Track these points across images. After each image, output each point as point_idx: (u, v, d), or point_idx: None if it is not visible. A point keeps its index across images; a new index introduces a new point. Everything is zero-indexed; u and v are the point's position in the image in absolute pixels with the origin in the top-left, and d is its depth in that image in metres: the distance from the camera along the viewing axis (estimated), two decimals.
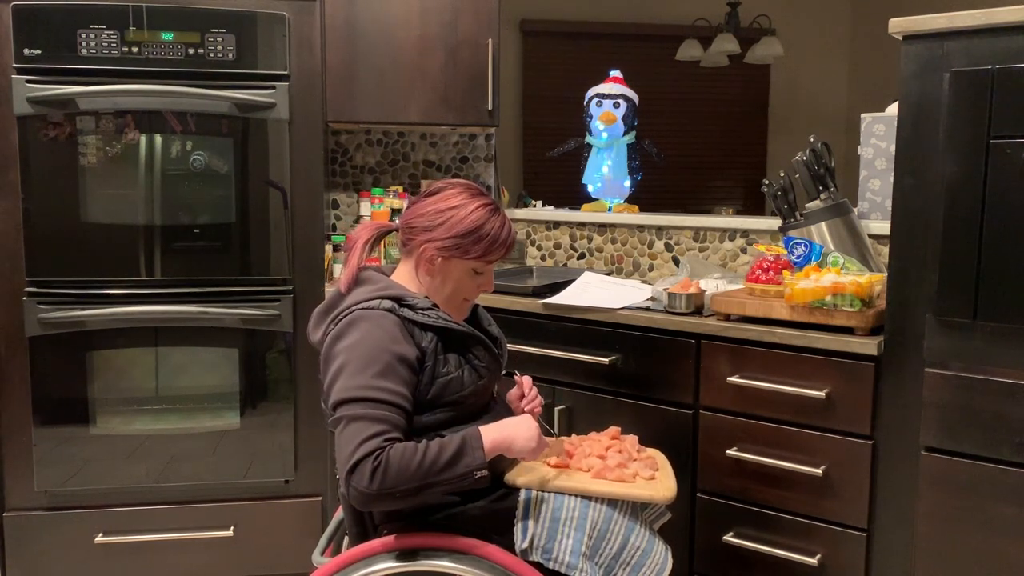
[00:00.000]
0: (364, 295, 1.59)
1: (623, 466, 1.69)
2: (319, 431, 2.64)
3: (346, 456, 1.43)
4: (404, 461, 1.41)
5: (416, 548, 1.54)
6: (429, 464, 1.43)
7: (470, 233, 1.61)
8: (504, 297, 2.38)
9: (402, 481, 1.41)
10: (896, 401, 1.80)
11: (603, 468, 1.67)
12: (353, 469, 1.41)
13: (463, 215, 1.61)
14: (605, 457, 1.72)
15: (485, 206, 1.63)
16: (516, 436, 1.53)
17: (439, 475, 1.43)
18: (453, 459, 1.45)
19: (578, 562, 1.54)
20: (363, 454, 1.41)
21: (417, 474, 1.42)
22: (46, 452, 2.50)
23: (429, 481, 1.43)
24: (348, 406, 1.47)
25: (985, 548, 1.67)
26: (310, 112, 2.57)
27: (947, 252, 1.66)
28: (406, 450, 1.43)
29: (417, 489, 1.43)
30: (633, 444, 1.81)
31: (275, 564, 2.64)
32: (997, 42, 1.60)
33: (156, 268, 2.50)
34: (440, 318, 1.59)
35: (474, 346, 1.64)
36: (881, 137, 2.31)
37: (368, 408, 1.46)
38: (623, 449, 1.77)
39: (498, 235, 1.63)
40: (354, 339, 1.52)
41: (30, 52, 2.39)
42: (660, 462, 1.81)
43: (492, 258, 1.65)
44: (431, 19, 2.77)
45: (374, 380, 1.48)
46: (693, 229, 2.72)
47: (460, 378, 1.59)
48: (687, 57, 5.40)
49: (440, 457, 1.44)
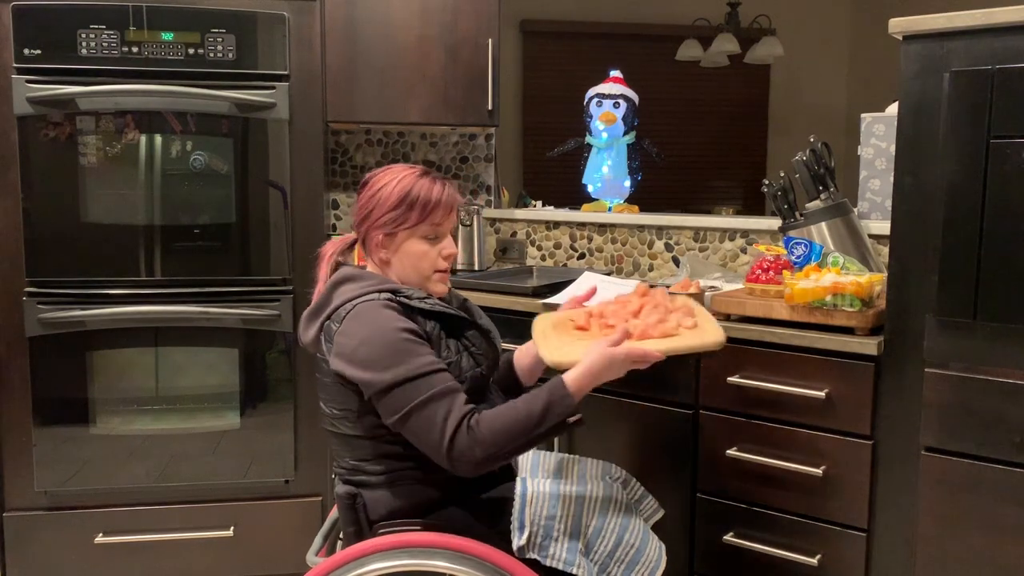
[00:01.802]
0: (357, 291, 1.60)
1: (663, 321, 1.62)
2: (319, 431, 2.64)
3: (436, 441, 1.47)
4: (501, 423, 1.47)
5: (411, 547, 1.53)
6: (524, 420, 1.47)
7: (401, 202, 1.62)
8: (504, 297, 2.38)
9: (504, 441, 1.47)
10: (896, 401, 1.80)
11: (645, 327, 1.60)
12: (452, 448, 1.46)
13: (390, 189, 1.63)
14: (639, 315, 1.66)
15: (411, 174, 1.65)
16: (603, 374, 1.53)
17: (536, 428, 1.48)
18: (545, 411, 1.48)
19: (575, 559, 1.54)
20: (452, 430, 1.46)
21: (516, 431, 1.47)
22: (46, 452, 2.50)
23: (529, 437, 1.48)
24: (401, 392, 1.49)
25: (985, 548, 1.67)
26: (310, 112, 2.57)
27: (947, 252, 1.66)
28: (499, 413, 1.48)
29: (519, 447, 1.49)
30: (664, 296, 1.75)
31: (275, 564, 2.64)
32: (997, 42, 1.59)
33: (156, 268, 2.50)
34: (436, 304, 1.62)
35: (469, 332, 1.66)
36: (881, 137, 2.31)
37: (425, 386, 1.49)
38: (658, 303, 1.70)
39: (429, 195, 1.63)
40: (365, 333, 1.53)
41: (30, 52, 2.39)
42: (696, 309, 1.75)
43: (435, 219, 1.64)
44: (431, 19, 2.77)
45: (410, 359, 1.50)
46: (693, 229, 2.72)
47: (459, 363, 1.60)
48: (687, 57, 5.40)
49: (532, 412, 1.48)
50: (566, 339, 1.67)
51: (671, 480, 2.11)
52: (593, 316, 1.74)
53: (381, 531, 1.59)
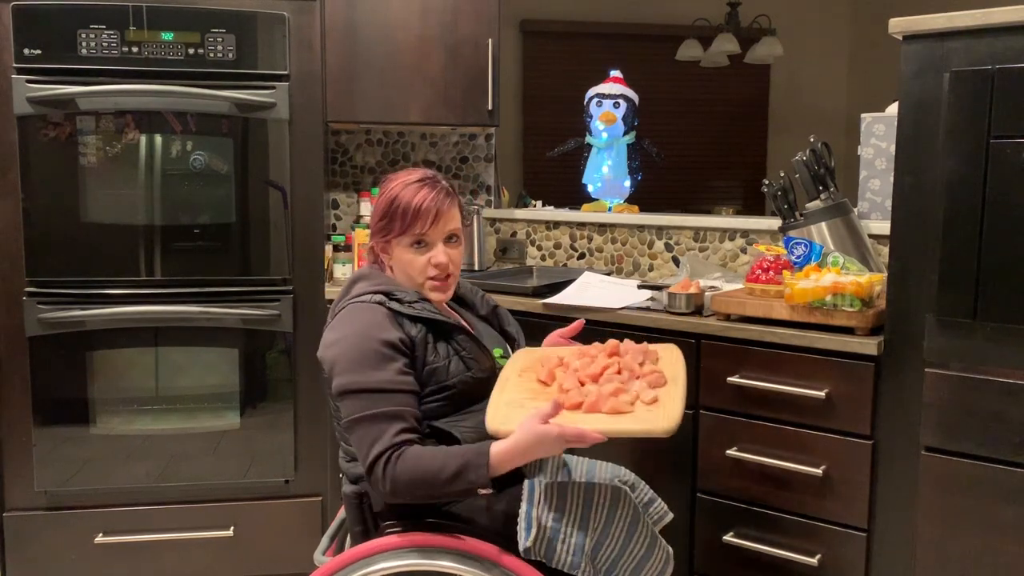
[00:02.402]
0: (360, 290, 1.65)
1: (619, 392, 1.52)
2: (319, 431, 2.64)
3: (362, 458, 1.50)
4: (414, 467, 1.46)
5: (418, 547, 1.54)
6: (433, 476, 1.46)
7: (385, 214, 1.66)
8: (504, 297, 2.38)
9: (411, 486, 1.47)
10: (896, 401, 1.80)
11: (597, 399, 1.50)
12: (370, 472, 1.49)
13: (381, 197, 1.68)
14: (599, 380, 1.56)
15: (404, 181, 1.66)
16: (532, 451, 1.47)
17: (443, 487, 1.46)
18: (456, 474, 1.46)
19: (580, 562, 1.54)
20: (374, 456, 1.48)
21: (422, 482, 1.46)
22: (46, 452, 2.50)
23: (434, 491, 1.47)
24: (352, 400, 1.52)
25: (985, 548, 1.67)
26: (310, 112, 2.57)
27: (947, 252, 1.66)
28: (420, 456, 1.47)
29: (424, 496, 1.49)
30: (636, 356, 1.65)
31: (275, 564, 2.64)
32: (997, 42, 1.59)
33: (156, 268, 2.50)
34: (425, 309, 1.62)
35: (459, 336, 1.66)
36: (881, 137, 2.31)
37: (373, 402, 1.50)
38: (622, 367, 1.61)
39: (408, 205, 1.63)
40: (344, 332, 1.58)
41: (30, 52, 2.38)
42: (670, 370, 1.64)
43: (416, 229, 1.64)
44: (431, 19, 2.77)
45: (371, 372, 1.52)
46: (693, 229, 2.72)
47: (446, 367, 1.61)
48: (687, 57, 5.40)
49: (444, 469, 1.46)
50: (516, 399, 1.56)
51: (671, 480, 2.11)
52: (562, 365, 1.66)
53: (388, 530, 1.59)
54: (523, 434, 1.45)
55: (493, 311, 1.84)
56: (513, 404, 1.55)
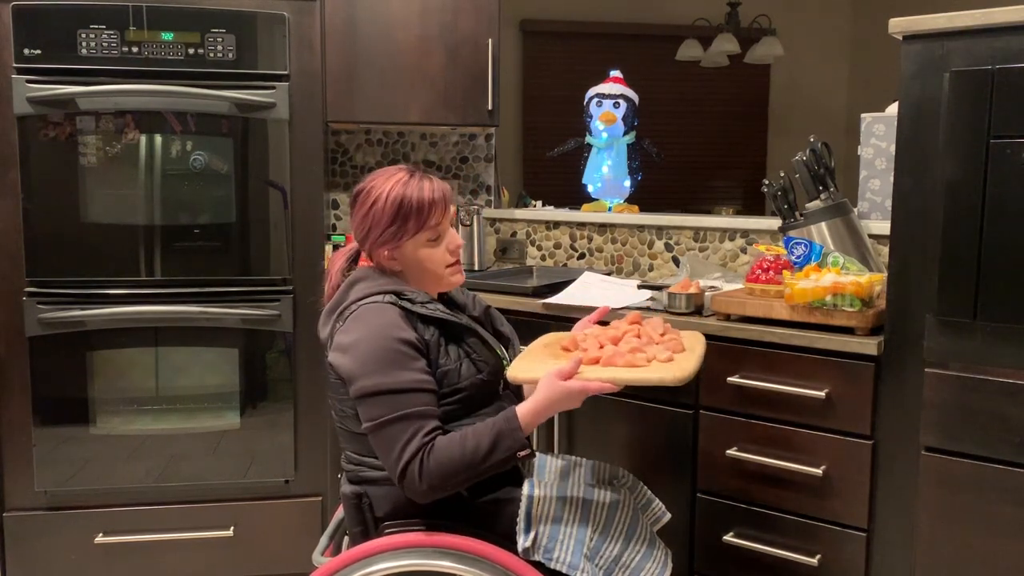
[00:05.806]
0: (366, 290, 1.61)
1: (637, 351, 1.58)
2: (319, 431, 2.64)
3: (392, 462, 1.49)
4: (448, 457, 1.46)
5: (417, 547, 1.54)
6: (471, 455, 1.47)
7: (397, 214, 1.62)
8: (504, 297, 2.38)
9: (449, 475, 1.47)
10: (896, 401, 1.80)
11: (612, 355, 1.57)
12: (403, 475, 1.47)
13: (382, 204, 1.62)
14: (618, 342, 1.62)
15: (399, 181, 1.63)
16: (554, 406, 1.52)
17: (483, 463, 1.47)
18: (493, 445, 1.48)
19: (580, 562, 1.54)
20: (408, 458, 1.47)
21: (462, 466, 1.47)
22: (46, 452, 2.50)
23: (476, 471, 1.48)
24: (377, 402, 1.50)
25: (985, 548, 1.67)
26: (310, 112, 2.57)
27: (947, 252, 1.66)
28: (450, 445, 1.47)
29: (466, 479, 1.49)
30: (656, 327, 1.70)
31: (275, 564, 2.64)
32: (997, 42, 1.59)
33: (156, 268, 2.50)
34: (438, 310, 1.61)
35: (470, 338, 1.65)
36: (881, 137, 2.31)
37: (400, 403, 1.49)
38: (641, 333, 1.67)
39: (422, 199, 1.62)
40: (361, 333, 1.54)
41: (30, 52, 2.39)
42: (690, 342, 1.70)
43: (432, 221, 1.64)
44: (431, 19, 2.77)
45: (396, 372, 1.50)
46: (693, 229, 2.72)
47: (457, 370, 1.59)
48: (687, 57, 5.40)
49: (479, 447, 1.47)
50: (540, 356, 1.65)
51: (671, 480, 2.11)
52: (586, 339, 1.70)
53: (387, 531, 1.59)
54: (544, 390, 1.50)
55: (485, 312, 1.83)
56: (536, 360, 1.62)
